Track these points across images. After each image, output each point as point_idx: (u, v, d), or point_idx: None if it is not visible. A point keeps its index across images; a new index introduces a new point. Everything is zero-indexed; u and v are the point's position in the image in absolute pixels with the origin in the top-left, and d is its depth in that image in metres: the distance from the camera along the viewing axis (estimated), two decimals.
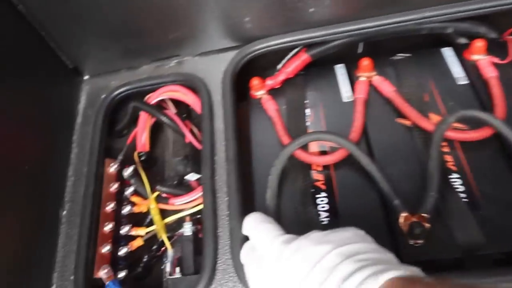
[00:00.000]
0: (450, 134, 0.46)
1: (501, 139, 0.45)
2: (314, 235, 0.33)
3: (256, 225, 0.37)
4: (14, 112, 0.46)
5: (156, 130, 0.58)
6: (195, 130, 0.54)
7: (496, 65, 0.52)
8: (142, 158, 0.54)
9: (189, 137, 0.51)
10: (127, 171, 0.51)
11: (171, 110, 0.55)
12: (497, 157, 0.45)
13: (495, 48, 0.53)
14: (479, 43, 0.52)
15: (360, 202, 0.45)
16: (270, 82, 0.54)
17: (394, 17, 0.52)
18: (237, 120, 0.51)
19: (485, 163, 0.45)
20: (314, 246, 0.31)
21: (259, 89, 0.54)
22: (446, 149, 0.46)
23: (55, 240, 0.47)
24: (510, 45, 0.52)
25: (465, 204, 0.42)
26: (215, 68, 0.54)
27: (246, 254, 0.37)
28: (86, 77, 0.58)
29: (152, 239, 0.49)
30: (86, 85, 0.58)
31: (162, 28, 0.53)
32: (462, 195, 0.43)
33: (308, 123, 0.52)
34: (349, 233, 0.33)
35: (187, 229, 0.47)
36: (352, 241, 0.31)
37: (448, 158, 0.46)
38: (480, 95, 0.50)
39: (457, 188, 0.44)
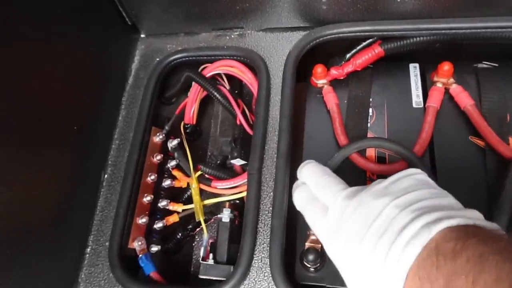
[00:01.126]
0: None
1: None
2: (375, 188, 0.33)
3: (317, 177, 0.37)
4: (68, 65, 0.44)
5: (206, 103, 0.55)
6: (247, 111, 0.51)
7: None
8: (188, 130, 0.52)
9: (241, 119, 0.48)
10: (172, 143, 0.49)
11: (225, 85, 0.52)
12: None
13: None
14: None
15: None
16: (334, 72, 0.50)
17: (490, 21, 0.46)
18: (295, 108, 0.48)
19: None
20: (374, 200, 0.31)
21: (321, 78, 0.50)
22: None
23: (94, 203, 0.47)
24: None
25: None
26: (278, 48, 0.50)
27: (306, 201, 0.37)
28: (142, 36, 0.56)
29: (188, 217, 0.48)
30: (141, 44, 0.55)
31: None
32: None
33: (369, 124, 0.48)
34: (409, 180, 0.33)
35: (226, 215, 0.45)
36: (411, 190, 0.32)
37: None
38: None
39: None
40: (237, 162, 0.47)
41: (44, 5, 0.40)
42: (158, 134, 0.49)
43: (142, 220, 0.45)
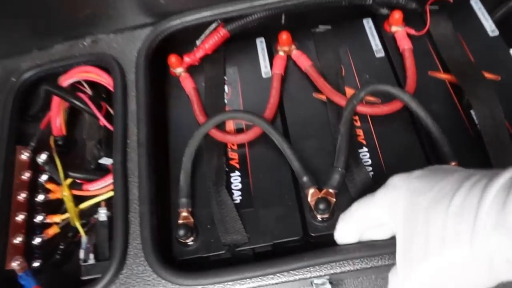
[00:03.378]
0: (361, 108, 0.46)
1: (410, 112, 0.45)
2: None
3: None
4: None
5: (75, 112, 0.55)
6: (112, 111, 0.52)
7: (412, 36, 0.52)
8: (59, 143, 0.52)
9: (103, 120, 0.50)
10: (40, 157, 0.49)
11: (87, 91, 0.53)
12: (407, 131, 0.46)
13: (415, 19, 0.53)
14: (397, 15, 0.51)
15: (273, 180, 0.45)
16: (188, 59, 0.52)
17: None
18: (156, 100, 0.50)
19: (395, 135, 0.46)
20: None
21: (177, 66, 0.52)
22: (357, 123, 0.47)
23: None
24: (428, 15, 0.52)
25: (371, 178, 0.43)
26: (130, 47, 0.52)
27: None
28: None
29: (70, 226, 0.48)
30: None
31: (69, 5, 0.50)
32: (369, 168, 0.44)
33: (226, 100, 0.51)
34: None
35: (102, 214, 0.46)
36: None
37: (359, 132, 0.46)
38: (395, 68, 0.50)
39: (366, 162, 0.44)
40: (106, 161, 0.48)
41: None
42: (23, 151, 0.49)
43: (18, 239, 0.45)
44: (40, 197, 0.48)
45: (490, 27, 0.52)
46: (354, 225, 0.38)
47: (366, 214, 0.37)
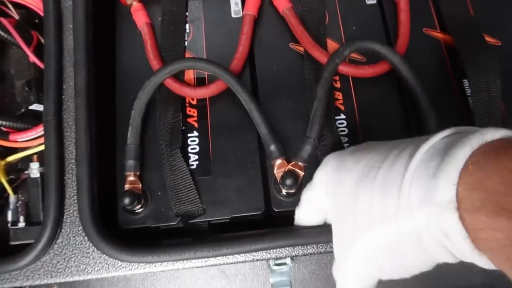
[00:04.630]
0: (343, 68, 0.39)
1: (398, 76, 0.40)
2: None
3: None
4: None
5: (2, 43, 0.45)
6: None
7: None
8: None
9: (31, 56, 0.40)
10: None
11: (14, 16, 0.42)
12: (392, 98, 0.40)
13: None
14: None
15: (235, 145, 0.39)
16: None
17: None
18: (100, 36, 0.41)
19: (378, 103, 0.40)
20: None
21: None
22: (337, 85, 0.41)
23: None
24: None
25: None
26: None
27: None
28: None
29: None
30: None
31: None
32: (344, 139, 0.39)
33: (186, 43, 0.43)
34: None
35: (34, 170, 0.39)
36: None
37: (338, 95, 0.40)
38: (387, 20, 0.43)
39: (342, 131, 0.39)
40: (38, 107, 0.40)
41: None
42: None
43: None
44: None
45: None
46: (305, 210, 0.35)
47: (310, 198, 0.34)
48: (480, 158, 0.22)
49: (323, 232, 0.34)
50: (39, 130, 0.39)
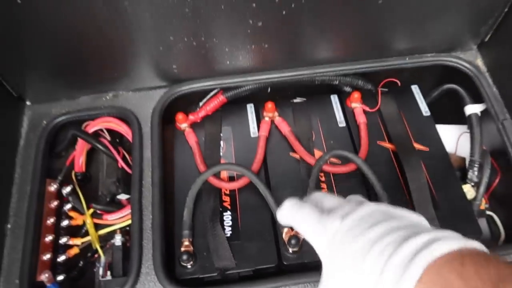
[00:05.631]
0: (326, 168, 0.60)
1: (362, 172, 0.60)
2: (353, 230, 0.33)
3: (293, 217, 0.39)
4: None
5: (92, 152, 0.67)
6: (127, 156, 0.64)
7: (367, 112, 0.68)
8: (79, 178, 0.63)
9: (121, 163, 0.61)
10: (66, 190, 0.60)
11: (106, 137, 0.65)
12: (359, 186, 0.61)
13: (371, 98, 0.69)
14: (356, 94, 0.67)
15: (257, 219, 0.58)
16: (192, 117, 0.65)
17: (293, 71, 0.66)
18: (164, 148, 0.63)
19: (350, 190, 0.60)
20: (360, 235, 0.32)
21: (182, 122, 0.65)
22: (322, 178, 0.61)
23: (0, 250, 0.55)
24: (379, 96, 0.69)
25: None
26: (146, 103, 0.65)
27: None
28: (28, 103, 0.66)
29: (87, 248, 0.59)
30: (29, 111, 0.65)
31: (101, 69, 0.62)
32: None
33: (221, 154, 0.64)
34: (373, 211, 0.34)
35: (117, 240, 0.57)
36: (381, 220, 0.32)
37: (323, 185, 0.61)
38: (353, 136, 0.66)
39: None
40: (122, 196, 0.60)
41: None
42: (52, 184, 0.60)
43: (47, 257, 0.55)
44: (64, 223, 0.59)
45: (424, 108, 0.69)
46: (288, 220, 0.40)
47: (298, 225, 0.38)
48: (429, 275, 0.26)
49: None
50: (123, 212, 0.58)
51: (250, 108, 0.69)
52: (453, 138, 0.72)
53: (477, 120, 0.67)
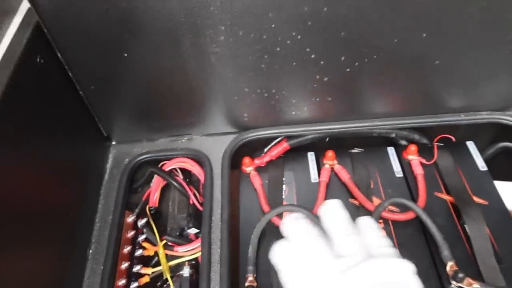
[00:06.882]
0: (385, 214, 0.63)
1: (421, 221, 0.62)
2: None
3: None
4: (57, 168, 0.60)
5: (164, 190, 0.73)
6: (196, 193, 0.70)
7: (424, 164, 0.70)
8: (152, 212, 0.69)
9: (193, 200, 0.67)
10: (141, 222, 0.65)
11: (179, 176, 0.71)
12: (417, 234, 0.62)
13: (426, 151, 0.72)
14: (413, 147, 0.71)
15: None
16: (257, 162, 0.71)
17: (352, 123, 0.71)
18: (231, 188, 0.68)
19: (409, 237, 0.62)
20: None
21: (248, 166, 0.71)
22: (381, 225, 0.63)
23: (82, 273, 0.60)
24: (435, 150, 0.72)
25: None
26: (217, 147, 0.71)
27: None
28: (114, 143, 0.74)
29: (156, 277, 0.63)
30: (114, 149, 0.73)
31: (179, 115, 0.70)
32: None
33: (284, 196, 0.68)
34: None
35: (186, 272, 0.61)
36: None
37: (383, 232, 0.62)
38: (410, 186, 0.68)
39: None
40: (192, 231, 0.65)
41: (46, 131, 0.57)
42: (130, 215, 0.66)
43: (122, 282, 0.60)
44: (138, 252, 0.64)
45: (480, 163, 0.71)
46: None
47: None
48: None
49: None
50: (192, 245, 0.63)
51: (311, 155, 0.73)
52: None
53: None
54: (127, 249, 0.63)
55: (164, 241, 0.64)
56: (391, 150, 0.74)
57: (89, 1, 0.52)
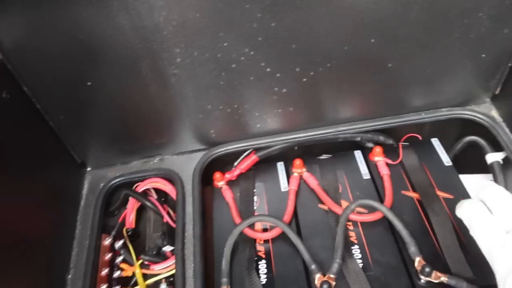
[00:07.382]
0: (353, 216, 0.65)
1: (388, 220, 0.64)
2: None
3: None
4: (32, 197, 0.61)
5: (140, 210, 0.75)
6: (171, 212, 0.71)
7: (390, 164, 0.72)
8: (129, 233, 0.70)
9: (166, 218, 0.69)
10: (118, 244, 0.67)
11: (153, 196, 0.73)
12: (386, 233, 0.64)
13: (392, 152, 0.74)
14: (378, 149, 0.73)
15: (290, 267, 0.62)
16: (228, 176, 0.73)
17: (317, 130, 0.73)
18: (203, 204, 0.70)
19: (378, 237, 0.64)
20: None
21: (220, 181, 0.72)
22: (350, 227, 0.65)
23: None
24: (401, 150, 0.74)
25: (360, 268, 0.60)
26: (187, 165, 0.73)
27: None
28: (89, 169, 0.76)
29: None
30: (89, 175, 0.75)
31: (149, 136, 0.72)
32: (359, 261, 0.61)
33: (255, 207, 0.70)
34: None
35: None
36: None
37: (351, 233, 0.64)
38: (378, 187, 0.70)
39: (357, 256, 0.62)
40: (168, 248, 0.66)
41: (17, 163, 0.59)
42: (107, 238, 0.67)
43: None
44: (116, 273, 0.65)
45: (445, 159, 0.73)
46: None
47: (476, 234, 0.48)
48: None
49: None
50: (167, 262, 0.64)
51: (280, 165, 0.75)
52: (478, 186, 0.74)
53: (499, 167, 0.70)
54: (105, 272, 0.64)
55: (141, 261, 0.65)
56: (358, 154, 0.76)
57: (49, 36, 0.55)
